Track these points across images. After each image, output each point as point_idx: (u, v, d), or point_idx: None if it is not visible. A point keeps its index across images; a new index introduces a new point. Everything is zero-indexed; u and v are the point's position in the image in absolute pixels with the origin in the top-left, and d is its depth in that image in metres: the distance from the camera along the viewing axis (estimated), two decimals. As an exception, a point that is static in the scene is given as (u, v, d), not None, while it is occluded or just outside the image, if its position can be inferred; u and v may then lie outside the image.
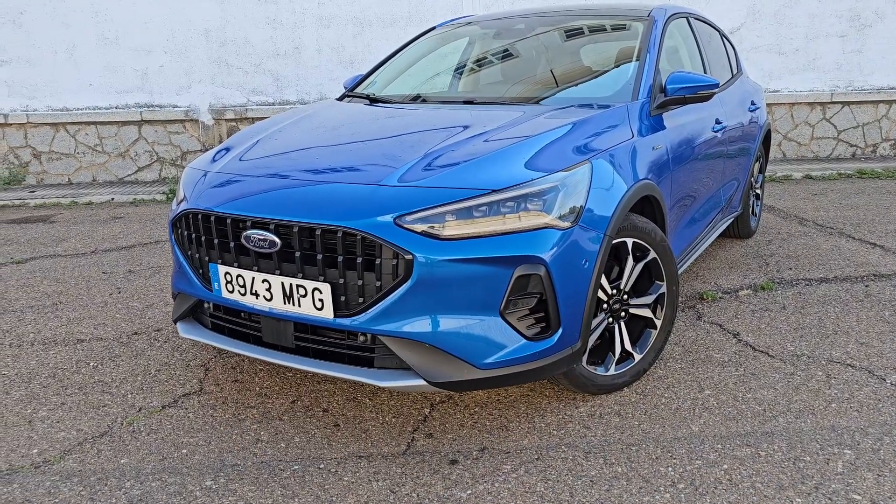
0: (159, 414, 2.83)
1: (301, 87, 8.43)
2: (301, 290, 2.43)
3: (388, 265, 2.32)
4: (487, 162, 2.52)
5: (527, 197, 2.40)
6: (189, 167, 3.03)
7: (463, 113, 3.22)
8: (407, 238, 2.29)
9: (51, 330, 3.74)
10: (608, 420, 2.71)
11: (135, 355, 3.40)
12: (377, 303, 2.34)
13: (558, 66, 3.70)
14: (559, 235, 2.41)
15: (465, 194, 2.35)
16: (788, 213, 6.12)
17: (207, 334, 2.82)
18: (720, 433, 2.60)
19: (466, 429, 2.67)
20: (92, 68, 8.16)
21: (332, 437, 2.64)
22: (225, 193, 2.66)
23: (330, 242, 2.37)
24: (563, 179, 2.48)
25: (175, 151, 8.38)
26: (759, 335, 3.47)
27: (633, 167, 2.84)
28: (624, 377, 2.90)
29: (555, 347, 2.46)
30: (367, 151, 2.81)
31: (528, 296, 2.40)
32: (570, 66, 3.70)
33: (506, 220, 2.36)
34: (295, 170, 2.67)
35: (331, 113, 3.47)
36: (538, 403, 2.84)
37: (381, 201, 2.36)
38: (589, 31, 3.90)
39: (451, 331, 2.35)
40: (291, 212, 2.42)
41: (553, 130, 2.75)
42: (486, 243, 2.33)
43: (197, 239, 2.69)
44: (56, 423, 2.77)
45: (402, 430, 2.67)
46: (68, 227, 6.21)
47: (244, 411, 2.83)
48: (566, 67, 3.70)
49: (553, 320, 2.44)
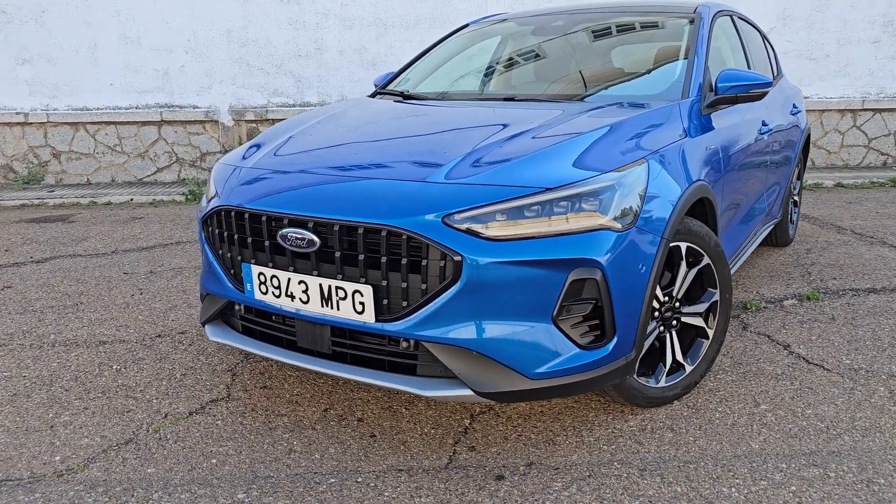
0: (186, 421, 2.70)
1: (322, 88, 8.33)
2: (340, 292, 2.30)
3: (435, 267, 2.18)
4: (538, 159, 2.38)
5: (582, 196, 2.25)
6: (220, 163, 2.91)
7: (505, 110, 3.09)
8: (456, 238, 2.15)
9: (72, 331, 3.63)
10: (661, 435, 2.55)
11: (159, 358, 3.27)
12: (422, 307, 2.20)
13: (600, 64, 3.56)
14: (616, 238, 2.26)
15: (516, 192, 2.21)
16: (825, 222, 5.93)
17: (238, 338, 2.69)
18: (783, 451, 2.43)
19: (511, 442, 2.52)
20: (113, 68, 8.10)
21: (369, 448, 2.49)
22: (260, 189, 2.53)
23: (373, 242, 2.24)
24: (620, 179, 2.34)
25: (194, 152, 8.29)
26: (811, 347, 3.30)
27: (687, 168, 2.69)
28: (675, 389, 2.74)
29: (609, 357, 2.31)
30: (409, 147, 2.67)
31: (583, 301, 2.25)
32: (613, 64, 3.56)
33: (560, 220, 2.21)
34: (334, 166, 2.54)
35: (366, 109, 3.34)
36: (584, 416, 2.69)
37: (427, 199, 2.23)
38: (631, 29, 3.75)
39: (501, 338, 2.21)
40: (332, 209, 2.29)
41: (604, 128, 2.60)
42: (539, 245, 2.18)
43: (229, 237, 2.56)
44: (79, 429, 2.65)
45: (442, 442, 2.52)
46: (88, 226, 6.12)
47: (275, 419, 2.70)
48: (609, 65, 3.56)
49: (608, 328, 2.29)
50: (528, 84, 3.63)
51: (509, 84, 3.79)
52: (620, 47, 3.66)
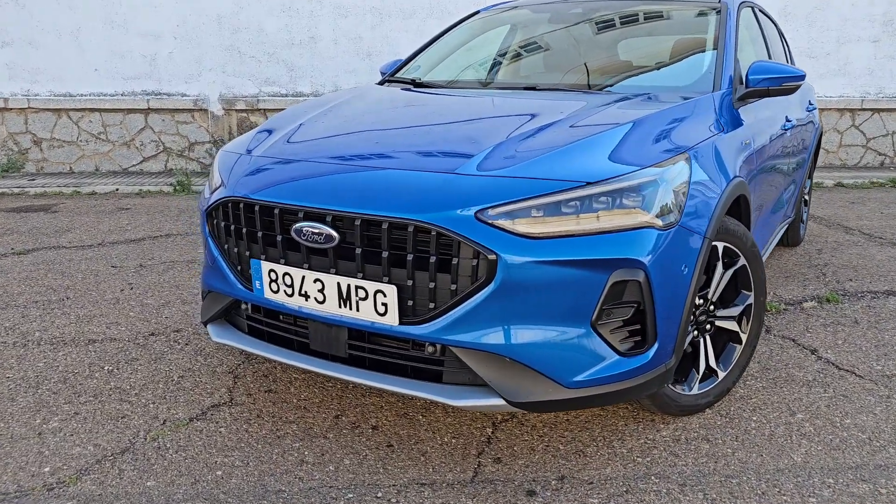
0: (187, 427, 2.51)
1: (316, 78, 8.10)
2: (361, 291, 2.12)
3: (467, 266, 2.00)
4: (575, 151, 2.21)
5: (623, 192, 2.09)
6: (224, 150, 2.71)
7: (529, 100, 2.91)
8: (490, 235, 1.98)
9: (58, 328, 3.41)
10: (697, 446, 2.40)
11: (154, 359, 3.07)
12: (451, 309, 2.03)
13: (623, 54, 3.40)
14: (659, 237, 2.10)
15: (555, 186, 2.04)
16: (831, 222, 5.83)
17: (244, 339, 2.49)
18: (827, 465, 2.29)
19: (538, 453, 2.36)
20: (97, 53, 7.81)
21: (387, 459, 2.32)
22: (271, 179, 2.34)
23: (398, 238, 2.06)
24: (662, 174, 2.17)
25: (182, 142, 8.03)
26: (838, 352, 3.17)
27: (726, 164, 2.54)
28: (707, 397, 2.59)
29: (649, 364, 2.15)
30: (433, 136, 2.49)
31: (624, 305, 2.09)
32: (636, 54, 3.40)
33: (601, 217, 2.05)
34: (354, 154, 2.35)
35: (379, 96, 3.15)
36: (613, 425, 2.53)
37: (459, 192, 2.05)
38: (654, 18, 3.59)
39: (536, 343, 2.04)
40: (353, 202, 2.10)
41: (639, 120, 2.43)
42: (579, 244, 2.02)
43: (237, 231, 2.37)
44: (69, 437, 2.44)
45: (465, 453, 2.35)
46: (72, 217, 5.86)
47: (283, 427, 2.51)
48: (632, 55, 3.40)
49: (650, 334, 2.13)
50: (548, 73, 3.45)
51: (527, 73, 3.61)
52: (643, 37, 3.51)
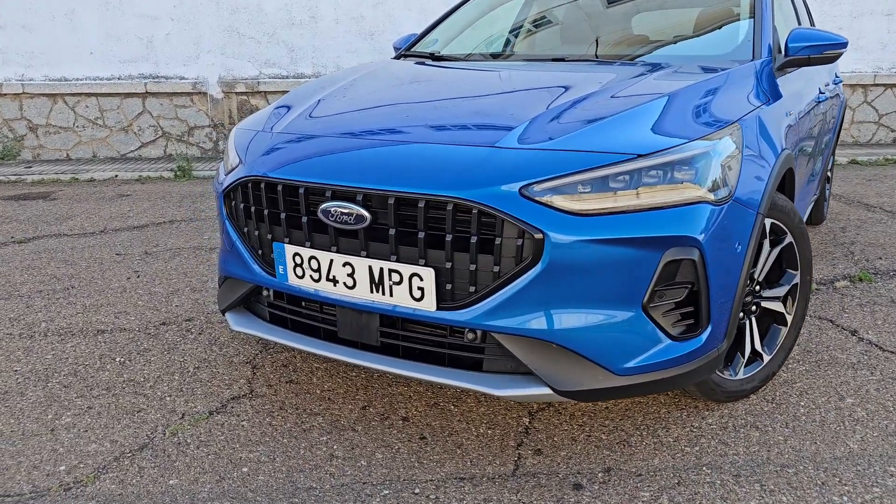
0: (207, 421, 2.38)
1: (317, 59, 7.90)
2: (395, 275, 1.98)
3: (511, 246, 1.87)
4: (620, 123, 2.07)
5: (675, 164, 1.95)
6: (240, 127, 2.56)
7: (559, 72, 2.76)
8: (536, 212, 1.84)
9: (65, 318, 3.27)
10: (746, 434, 2.28)
11: (167, 349, 2.93)
12: (494, 292, 1.89)
13: (654, 22, 3.24)
14: (713, 212, 1.97)
15: (605, 159, 1.90)
16: (851, 199, 5.70)
17: (266, 327, 2.36)
18: (886, 452, 2.18)
19: (580, 444, 2.23)
20: (93, 35, 7.59)
21: (421, 453, 2.19)
22: (294, 155, 2.19)
23: (436, 218, 1.92)
24: (714, 146, 2.03)
25: (182, 126, 7.84)
26: (879, 333, 3.05)
27: (773, 136, 2.40)
28: (753, 382, 2.47)
29: (702, 349, 2.03)
30: (468, 108, 2.34)
31: (678, 286, 1.95)
32: (670, 20, 3.24)
33: (652, 191, 1.91)
34: (384, 128, 2.20)
35: (399, 70, 3.00)
36: (656, 413, 2.41)
37: (501, 167, 1.91)
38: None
39: (585, 328, 1.91)
40: (386, 179, 1.96)
41: (682, 90, 2.29)
42: (631, 221, 1.88)
43: (257, 213, 2.22)
44: (84, 433, 2.31)
45: (503, 444, 2.23)
46: (71, 204, 5.70)
47: (308, 419, 2.38)
48: (664, 23, 3.24)
49: (703, 316, 2.00)
50: (574, 44, 3.29)
51: (551, 44, 3.45)
52: (674, 5, 3.34)
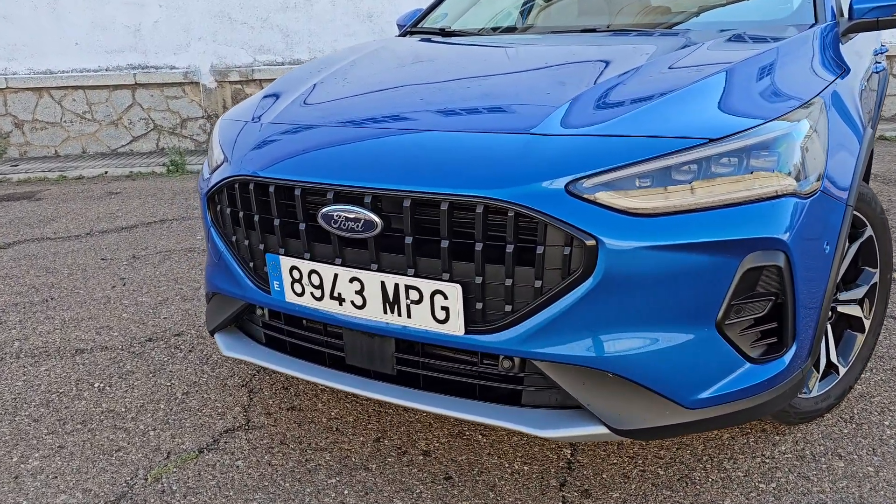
0: (196, 462, 2.04)
1: (313, 43, 7.52)
2: (413, 293, 1.63)
3: (557, 255, 1.52)
4: (679, 102, 1.71)
5: (752, 149, 1.59)
6: (225, 118, 2.21)
7: (596, 45, 2.39)
8: (587, 214, 1.49)
9: (41, 336, 2.93)
10: (830, 465, 1.94)
11: (152, 371, 2.59)
12: (536, 312, 1.55)
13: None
14: (799, 207, 1.61)
15: (670, 145, 1.55)
16: (887, 178, 5.33)
17: (261, 352, 2.01)
18: None
19: (634, 482, 1.89)
20: (78, 25, 7.21)
21: (447, 497, 1.85)
22: (288, 150, 1.84)
23: (463, 222, 1.56)
24: (795, 126, 1.67)
25: (174, 118, 7.47)
26: (956, 332, 2.70)
27: (854, 114, 2.03)
28: (829, 399, 2.12)
29: (786, 372, 1.68)
30: (494, 89, 1.98)
31: (759, 298, 1.61)
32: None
33: (729, 183, 1.55)
34: (394, 115, 1.84)
35: (405, 49, 2.63)
36: (718, 440, 2.07)
37: (542, 158, 1.55)
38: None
39: (647, 353, 1.56)
40: (400, 176, 1.61)
41: (747, 62, 1.93)
42: (703, 221, 1.53)
43: (247, 218, 1.87)
44: (53, 480, 1.98)
45: (543, 485, 1.89)
46: (57, 204, 5.35)
47: (314, 456, 2.04)
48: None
49: (789, 333, 1.66)
50: (603, 13, 2.92)
51: (587, 14, 3.06)
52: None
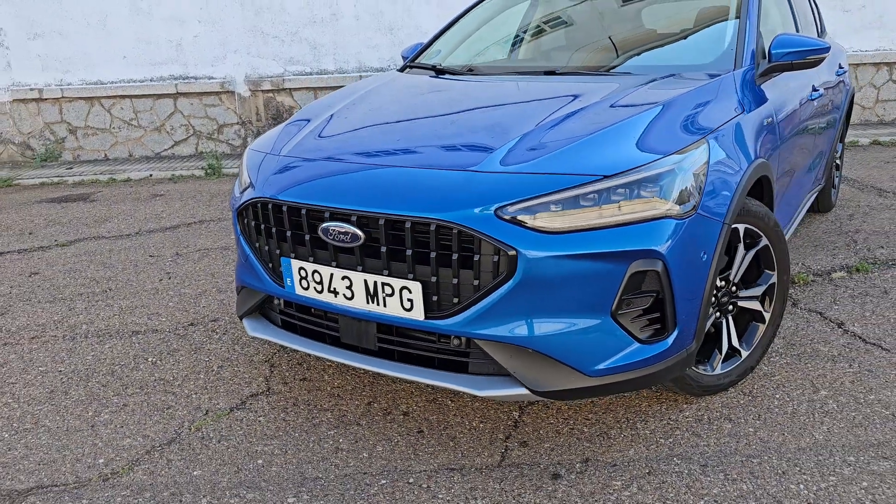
0: (228, 417, 2.64)
1: (339, 55, 8.12)
2: (387, 288, 2.20)
3: (488, 262, 2.07)
4: (595, 143, 2.24)
5: (641, 183, 2.12)
6: (252, 149, 2.79)
7: (551, 85, 2.93)
8: (510, 231, 2.04)
9: (103, 320, 3.57)
10: (719, 426, 2.46)
11: (194, 349, 3.21)
12: (475, 303, 2.10)
13: (644, 31, 3.37)
14: (677, 226, 2.14)
15: (573, 181, 2.09)
16: (864, 184, 5.73)
17: (278, 333, 2.61)
18: (849, 443, 2.34)
19: (563, 436, 2.44)
20: (125, 40, 7.92)
21: (418, 445, 2.42)
22: (297, 179, 2.42)
23: (421, 236, 2.13)
24: (680, 162, 2.20)
25: (211, 125, 8.15)
26: (865, 325, 3.17)
27: (747, 145, 2.54)
28: (730, 376, 2.64)
29: (670, 350, 2.21)
30: (455, 130, 2.54)
31: (643, 294, 2.14)
32: (658, 29, 3.37)
33: (618, 209, 2.09)
34: (377, 152, 2.41)
35: (400, 87, 3.19)
36: (637, 407, 2.60)
37: (479, 189, 2.11)
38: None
39: (558, 334, 2.11)
40: (376, 202, 2.18)
41: (659, 105, 2.45)
42: (598, 237, 2.06)
43: (267, 230, 2.46)
44: (120, 428, 2.60)
45: (492, 437, 2.45)
46: (109, 206, 6.04)
47: (318, 415, 2.63)
48: (654, 32, 3.37)
49: (669, 321, 2.18)
50: (568, 54, 3.44)
51: (545, 55, 3.61)
52: (665, 12, 3.47)
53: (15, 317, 3.66)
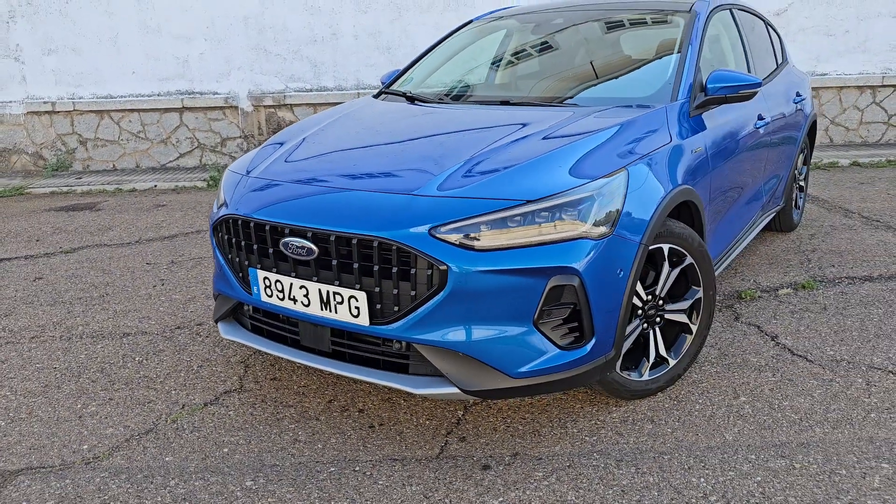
0: (202, 411, 2.93)
1: (338, 73, 8.46)
2: (338, 297, 2.48)
3: (423, 275, 2.35)
4: (525, 170, 2.52)
5: (562, 207, 2.40)
6: (229, 170, 3.09)
7: (501, 114, 3.21)
8: (441, 249, 2.32)
9: (98, 322, 3.88)
10: (641, 427, 2.72)
11: (177, 350, 3.50)
12: (412, 311, 2.38)
13: (597, 64, 3.65)
14: (594, 245, 2.41)
15: (500, 205, 2.36)
16: (833, 205, 5.96)
17: (247, 336, 2.89)
18: (755, 443, 2.59)
19: (499, 433, 2.70)
20: (134, 56, 8.31)
21: (368, 438, 2.70)
22: (264, 199, 2.71)
23: (366, 251, 2.41)
24: (600, 188, 2.47)
25: (215, 138, 8.51)
26: (797, 338, 3.42)
27: (670, 172, 2.81)
28: (658, 382, 2.90)
29: (588, 357, 2.47)
30: (405, 156, 2.83)
31: (562, 306, 2.41)
32: (608, 64, 3.65)
33: (540, 230, 2.36)
34: (333, 175, 2.71)
35: (369, 113, 3.49)
36: (571, 408, 2.86)
37: (416, 212, 2.39)
38: (629, 26, 3.83)
39: (485, 340, 2.38)
40: (328, 221, 2.46)
41: (592, 135, 2.73)
42: (520, 254, 2.34)
43: (237, 244, 2.75)
44: (104, 419, 2.89)
45: (435, 433, 2.72)
46: (113, 215, 6.38)
47: (282, 410, 2.91)
48: (605, 65, 3.65)
49: (587, 330, 2.45)
50: (527, 85, 3.74)
51: (509, 85, 3.90)
52: (617, 46, 3.75)
53: (18, 318, 3.97)
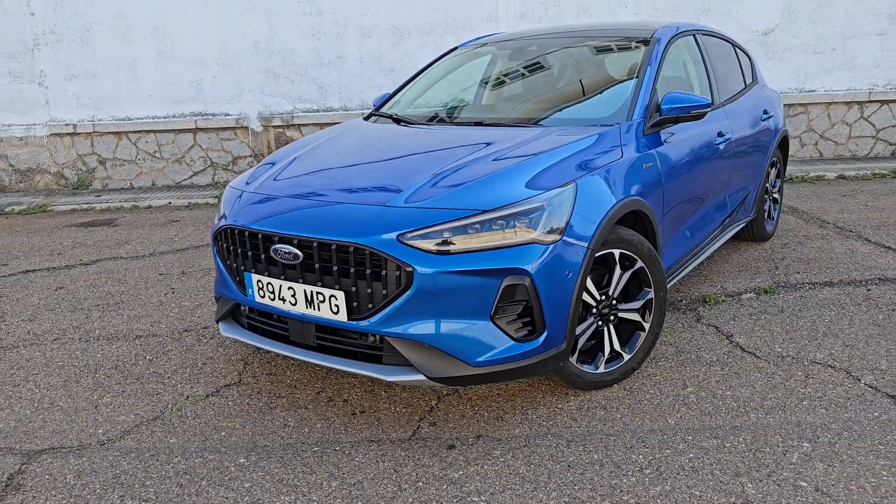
0: (203, 401, 3.27)
1: (344, 94, 8.88)
2: (320, 296, 2.82)
3: (393, 276, 2.69)
4: (485, 183, 2.86)
5: (515, 216, 2.73)
6: (229, 186, 3.46)
7: (473, 133, 3.57)
8: (408, 253, 2.66)
9: (113, 326, 4.25)
10: (594, 413, 3.02)
11: (185, 350, 3.86)
12: (383, 308, 2.71)
13: (565, 87, 4.00)
14: (543, 249, 2.74)
15: (460, 214, 2.70)
16: (811, 216, 6.23)
17: (244, 333, 3.24)
18: (693, 426, 2.88)
19: (467, 419, 3.02)
20: (151, 80, 8.79)
21: (350, 423, 3.03)
22: (257, 212, 3.07)
23: (344, 256, 2.75)
24: (550, 199, 2.80)
25: (227, 157, 8.94)
26: (750, 337, 3.71)
27: (619, 185, 3.13)
28: (613, 375, 3.20)
29: (540, 348, 2.79)
30: (381, 172, 3.19)
31: (516, 303, 2.73)
32: (575, 87, 4.00)
33: (496, 236, 2.70)
34: (317, 190, 3.07)
35: (357, 133, 3.86)
36: (534, 397, 3.17)
37: (387, 220, 2.73)
38: (597, 53, 4.18)
39: (448, 333, 2.71)
40: (311, 229, 2.82)
41: (551, 151, 3.07)
42: (478, 257, 2.67)
43: (234, 251, 3.11)
44: (117, 408, 3.24)
45: (410, 418, 3.04)
46: (129, 230, 6.80)
47: (275, 400, 3.25)
48: (572, 88, 3.99)
49: (538, 324, 2.77)
50: (501, 107, 4.10)
51: (485, 107, 4.26)
52: (585, 70, 4.09)
53: (41, 322, 4.36)
